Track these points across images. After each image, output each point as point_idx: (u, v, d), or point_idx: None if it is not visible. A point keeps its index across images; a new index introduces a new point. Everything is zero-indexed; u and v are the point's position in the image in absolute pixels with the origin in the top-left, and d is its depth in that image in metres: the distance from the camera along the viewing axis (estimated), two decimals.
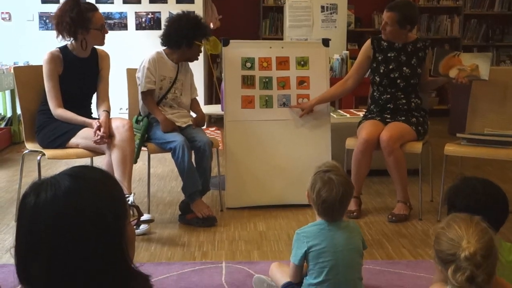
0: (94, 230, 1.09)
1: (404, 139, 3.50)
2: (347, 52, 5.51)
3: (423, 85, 3.75)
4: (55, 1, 5.80)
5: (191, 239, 3.19)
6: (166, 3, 6.45)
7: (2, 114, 6.13)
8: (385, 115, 3.66)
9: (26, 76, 3.55)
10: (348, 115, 4.79)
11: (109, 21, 6.29)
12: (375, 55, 3.72)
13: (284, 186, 3.78)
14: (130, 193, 3.10)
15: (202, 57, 5.80)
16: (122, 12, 6.48)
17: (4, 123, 5.99)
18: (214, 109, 4.74)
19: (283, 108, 3.82)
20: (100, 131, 3.19)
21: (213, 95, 7.21)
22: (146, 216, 3.21)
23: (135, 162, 3.43)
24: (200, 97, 4.40)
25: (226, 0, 7.65)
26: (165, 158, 4.81)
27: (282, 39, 6.85)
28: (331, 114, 4.20)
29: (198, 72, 5.64)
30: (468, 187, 1.97)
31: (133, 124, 3.48)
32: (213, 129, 6.34)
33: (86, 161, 3.63)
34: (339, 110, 5.03)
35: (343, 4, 6.59)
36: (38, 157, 3.30)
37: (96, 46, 3.49)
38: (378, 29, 4.45)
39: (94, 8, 3.38)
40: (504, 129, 3.51)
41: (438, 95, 7.83)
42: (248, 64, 3.80)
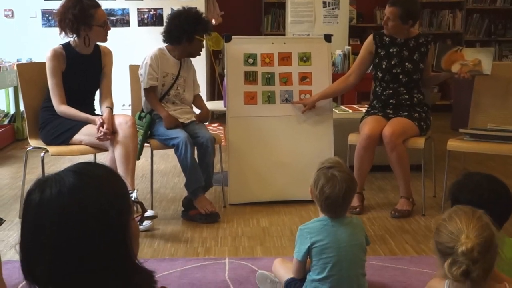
0: (98, 226, 1.09)
1: (407, 135, 3.50)
2: (349, 48, 5.50)
3: (426, 80, 3.74)
4: None
5: (194, 235, 3.20)
6: (168, 0, 6.45)
7: (6, 111, 6.13)
8: (388, 111, 3.65)
9: (29, 73, 3.55)
10: (351, 111, 4.78)
11: (112, 18, 6.27)
12: (377, 51, 3.71)
13: (287, 182, 3.78)
14: (133, 190, 3.11)
15: (204, 53, 5.81)
16: (124, 9, 6.48)
17: (8, 120, 6.00)
18: (217, 105, 4.74)
19: (286, 104, 3.82)
20: (103, 128, 3.20)
21: (216, 91, 7.20)
22: (150, 212, 3.22)
23: (138, 159, 3.44)
24: (203, 93, 4.40)
25: None
26: (168, 155, 4.82)
27: (284, 35, 6.84)
28: (334, 110, 4.19)
29: (200, 68, 5.62)
30: (472, 183, 1.97)
31: (136, 121, 3.49)
32: (216, 125, 6.34)
33: (89, 158, 3.65)
34: (342, 106, 5.02)
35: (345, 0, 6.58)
36: (42, 154, 3.31)
37: (99, 43, 3.49)
38: (380, 25, 4.44)
39: (97, 5, 3.38)
40: (507, 124, 3.52)
41: (441, 91, 7.81)
42: (250, 60, 3.80)
